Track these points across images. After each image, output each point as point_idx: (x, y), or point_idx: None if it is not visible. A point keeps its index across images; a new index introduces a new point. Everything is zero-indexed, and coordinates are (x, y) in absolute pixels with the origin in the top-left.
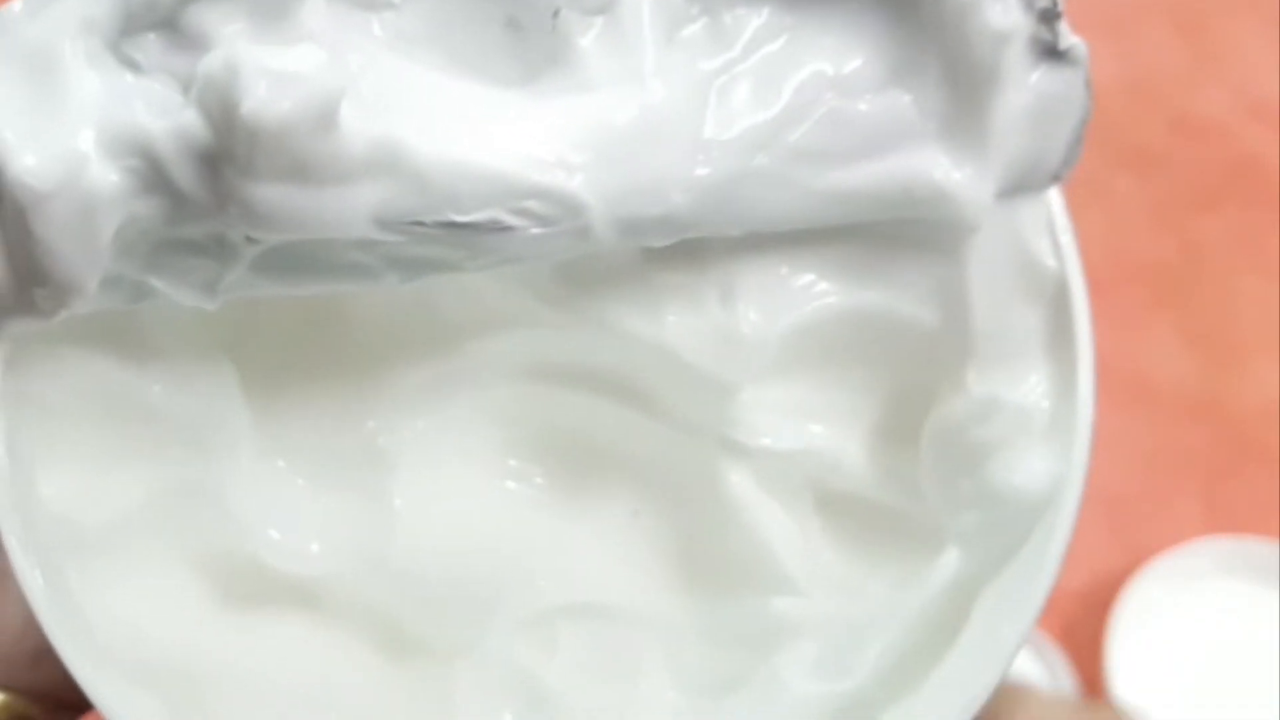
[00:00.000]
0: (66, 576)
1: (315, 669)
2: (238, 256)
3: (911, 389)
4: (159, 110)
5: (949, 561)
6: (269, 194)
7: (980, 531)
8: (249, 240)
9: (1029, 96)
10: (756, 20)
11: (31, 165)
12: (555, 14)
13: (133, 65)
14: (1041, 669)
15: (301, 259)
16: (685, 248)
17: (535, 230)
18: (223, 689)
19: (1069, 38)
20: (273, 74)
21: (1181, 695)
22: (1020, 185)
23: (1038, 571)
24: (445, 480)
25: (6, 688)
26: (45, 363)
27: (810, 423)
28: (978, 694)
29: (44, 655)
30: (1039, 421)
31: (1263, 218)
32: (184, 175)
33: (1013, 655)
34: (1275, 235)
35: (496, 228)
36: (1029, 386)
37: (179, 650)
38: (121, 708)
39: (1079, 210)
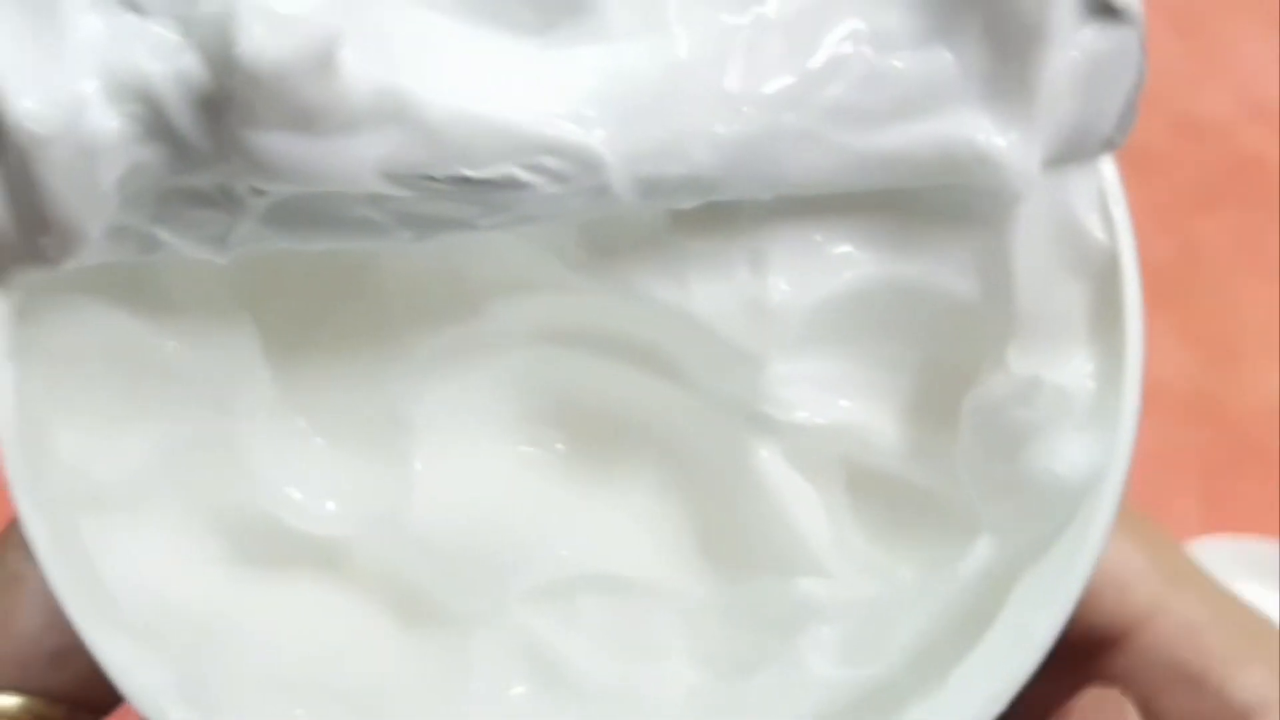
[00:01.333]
0: (79, 533)
1: (330, 632)
2: (245, 209)
3: (948, 366)
4: (160, 53)
5: (982, 549)
6: (271, 142)
7: (1016, 518)
8: (255, 192)
9: (1078, 55)
10: None
11: (31, 108)
12: None
13: (135, 6)
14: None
15: (311, 213)
16: (714, 213)
17: (551, 188)
18: (236, 648)
19: None
20: (271, 14)
21: None
22: (1070, 153)
23: (1074, 562)
24: (466, 445)
25: (26, 690)
26: (61, 313)
27: (841, 398)
28: (1007, 686)
29: (64, 656)
30: (1082, 405)
31: (1263, 218)
32: (185, 121)
33: (1046, 647)
34: (1275, 235)
35: (510, 184)
36: (1073, 368)
37: (192, 609)
38: (129, 669)
39: None
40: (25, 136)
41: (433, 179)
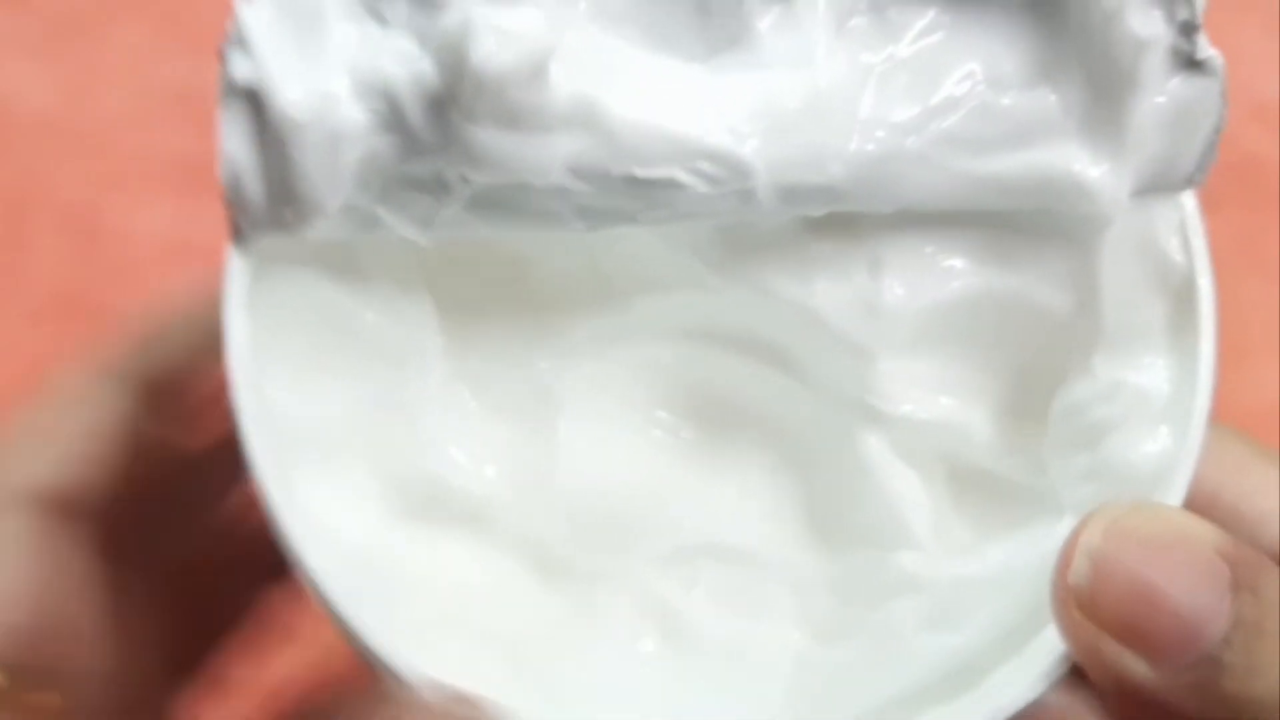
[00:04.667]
0: (285, 464)
1: (478, 580)
2: (452, 195)
3: (1037, 369)
4: (401, 60)
5: (1063, 531)
6: (485, 137)
7: (1095, 502)
8: (463, 180)
9: (1166, 101)
10: (919, 18)
11: (295, 98)
12: (740, 0)
13: (382, 21)
14: None
15: (504, 202)
16: (839, 221)
17: (705, 189)
18: (398, 586)
19: (1207, 49)
20: (499, 30)
21: None
22: (1155, 185)
23: None
24: (604, 423)
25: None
26: (284, 281)
27: (942, 396)
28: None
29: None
30: (1157, 404)
31: (1263, 218)
32: (416, 117)
33: None
34: (1275, 235)
35: (672, 184)
36: (1152, 372)
37: (363, 548)
38: (331, 574)
39: None
40: (287, 122)
41: (609, 176)
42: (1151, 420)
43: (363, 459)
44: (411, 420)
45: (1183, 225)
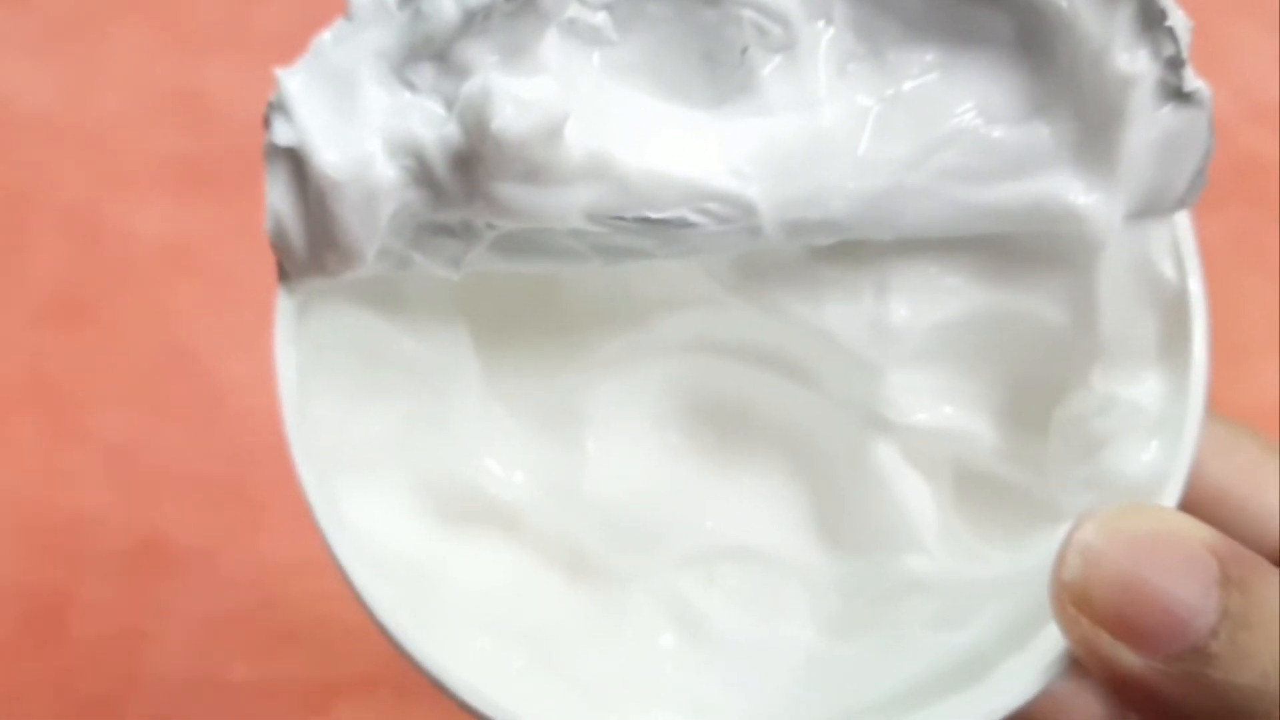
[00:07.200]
0: (333, 483)
1: (510, 580)
2: (479, 238)
3: (1038, 381)
4: (429, 122)
5: (1064, 535)
6: (507, 191)
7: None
8: (489, 226)
9: (1156, 131)
10: (916, 59)
11: (333, 160)
12: (744, 50)
13: (411, 86)
14: None
15: (527, 243)
16: (845, 247)
17: (714, 227)
18: (435, 587)
19: (1194, 82)
20: (517, 100)
21: None
22: (1147, 209)
23: None
24: (629, 433)
25: None
26: (327, 314)
27: (947, 405)
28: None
29: None
30: (1152, 417)
31: (1263, 218)
32: (444, 173)
33: None
34: (1275, 235)
35: (683, 224)
36: (1146, 386)
37: (404, 553)
38: (370, 586)
39: None
40: (326, 180)
41: (623, 219)
42: (1146, 433)
43: (403, 472)
44: (449, 436)
45: (1175, 243)
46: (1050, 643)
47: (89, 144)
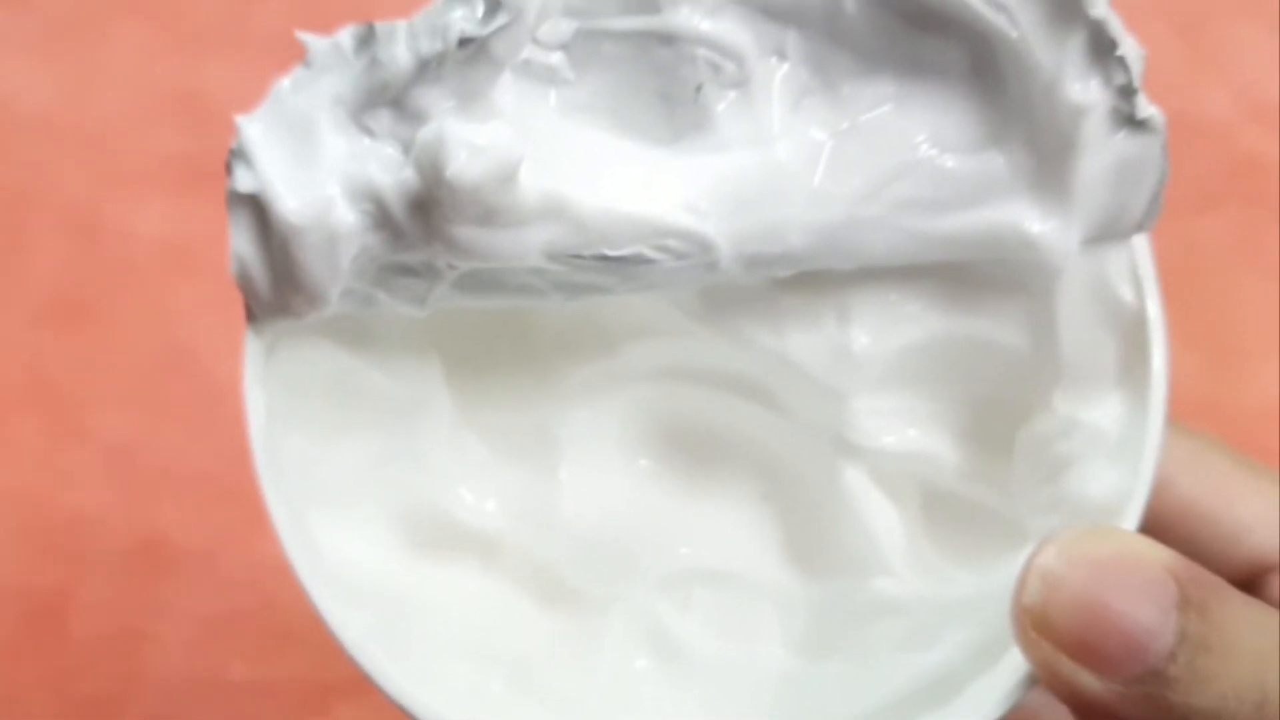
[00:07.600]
0: (307, 519)
1: (486, 607)
2: (441, 277)
3: (1000, 403)
4: (386, 167)
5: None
6: (465, 233)
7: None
8: (450, 266)
9: (1110, 158)
10: (870, 91)
11: (294, 206)
12: (699, 89)
13: (369, 132)
14: None
15: (488, 281)
16: (806, 277)
17: (672, 263)
18: (412, 615)
19: (1146, 109)
20: (471, 145)
21: None
22: (1104, 234)
23: None
24: (602, 460)
25: None
26: (297, 352)
27: (910, 428)
28: None
29: None
30: (1112, 440)
31: (1263, 218)
32: (403, 217)
33: None
34: (1275, 235)
35: (641, 260)
36: (1105, 409)
37: (380, 584)
38: (344, 622)
39: None
40: (288, 228)
41: (581, 257)
42: (1108, 456)
43: (376, 504)
44: (422, 466)
45: (1133, 266)
46: (1018, 662)
47: (89, 144)
